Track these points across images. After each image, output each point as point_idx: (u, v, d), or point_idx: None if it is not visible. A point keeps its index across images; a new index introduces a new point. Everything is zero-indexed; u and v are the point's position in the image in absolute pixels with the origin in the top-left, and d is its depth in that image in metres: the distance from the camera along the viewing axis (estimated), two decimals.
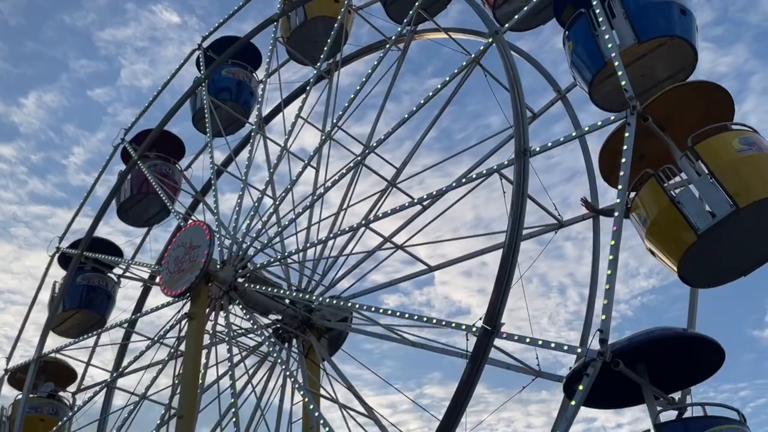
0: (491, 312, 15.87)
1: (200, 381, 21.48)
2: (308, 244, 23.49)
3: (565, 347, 14.93)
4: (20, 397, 30.07)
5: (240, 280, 23.23)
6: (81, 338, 30.34)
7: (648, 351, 14.23)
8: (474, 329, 16.32)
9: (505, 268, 16.09)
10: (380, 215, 20.99)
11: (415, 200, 21.12)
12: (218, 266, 23.02)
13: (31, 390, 29.52)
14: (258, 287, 23.01)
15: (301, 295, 22.83)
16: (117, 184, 31.84)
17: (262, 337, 24.44)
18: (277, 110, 29.83)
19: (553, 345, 15.12)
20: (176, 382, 23.43)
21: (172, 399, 21.84)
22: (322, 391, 22.76)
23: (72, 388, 31.37)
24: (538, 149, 17.28)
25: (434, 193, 19.49)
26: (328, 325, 23.86)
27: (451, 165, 25.15)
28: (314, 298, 22.53)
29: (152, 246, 33.54)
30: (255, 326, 23.44)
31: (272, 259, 23.76)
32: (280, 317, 24.26)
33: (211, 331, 23.04)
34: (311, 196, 24.34)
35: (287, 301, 23.61)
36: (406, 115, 21.65)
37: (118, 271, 32.69)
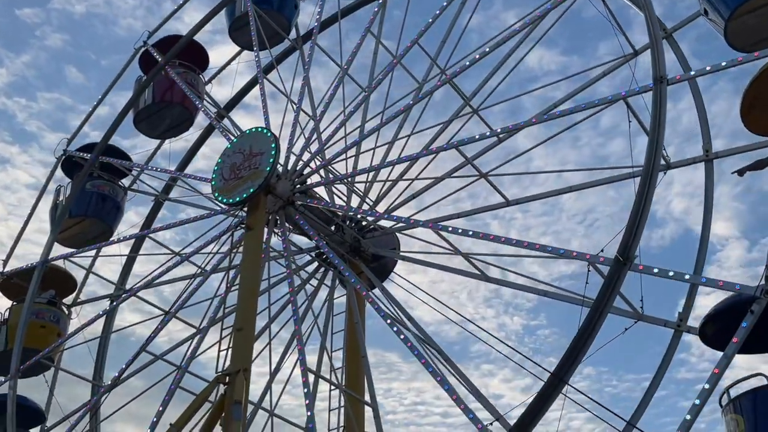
0: (625, 242, 14.68)
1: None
2: (374, 165, 21.79)
3: (720, 282, 13.76)
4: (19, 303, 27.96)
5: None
6: (92, 247, 28.20)
7: None
8: (602, 260, 15.17)
9: (641, 197, 14.89)
10: (465, 139, 19.43)
11: (498, 130, 19.80)
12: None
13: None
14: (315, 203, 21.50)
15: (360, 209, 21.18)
16: (138, 90, 29.43)
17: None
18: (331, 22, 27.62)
19: (704, 281, 14.03)
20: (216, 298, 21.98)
21: (221, 314, 20.18)
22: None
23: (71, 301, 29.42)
24: (678, 78, 16.07)
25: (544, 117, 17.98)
26: (383, 253, 22.47)
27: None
28: (378, 214, 20.85)
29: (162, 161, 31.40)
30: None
31: (332, 178, 22.10)
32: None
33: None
34: (381, 115, 22.63)
35: (344, 222, 22.15)
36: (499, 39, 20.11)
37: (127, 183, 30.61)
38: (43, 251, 27.95)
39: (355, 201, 23.04)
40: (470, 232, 17.42)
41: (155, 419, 19.53)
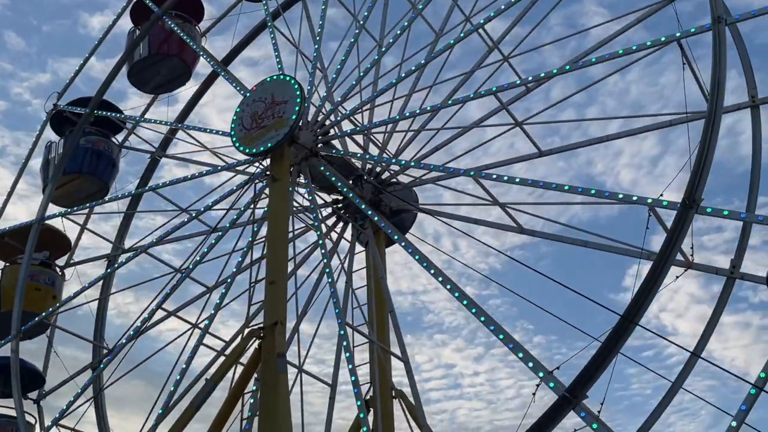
0: (692, 184, 14.24)
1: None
2: (399, 115, 21.01)
3: None
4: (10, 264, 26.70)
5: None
6: (89, 205, 26.96)
7: None
8: (665, 203, 14.73)
9: (706, 139, 14.44)
10: (494, 88, 18.65)
11: (528, 78, 19.11)
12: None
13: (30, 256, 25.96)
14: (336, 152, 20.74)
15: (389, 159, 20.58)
16: (134, 42, 28.01)
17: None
18: None
19: (761, 218, 13.75)
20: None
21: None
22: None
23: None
24: (736, 17, 15.61)
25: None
26: (406, 206, 21.78)
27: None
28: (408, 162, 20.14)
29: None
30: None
31: (356, 128, 21.28)
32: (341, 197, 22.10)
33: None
34: (399, 67, 21.82)
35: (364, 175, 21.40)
36: None
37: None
38: (39, 209, 26.64)
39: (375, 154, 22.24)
40: (517, 179, 16.80)
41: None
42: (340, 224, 22.57)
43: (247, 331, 17.61)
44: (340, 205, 22.23)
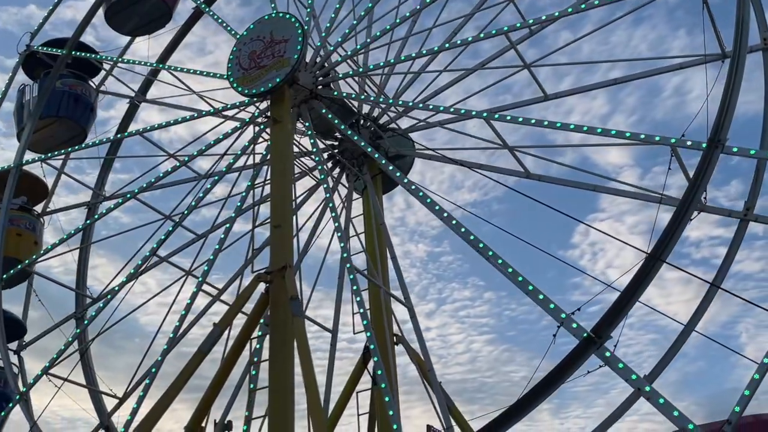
0: (717, 124, 14.07)
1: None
2: (403, 57, 20.41)
3: None
4: None
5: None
6: (69, 150, 25.90)
7: None
8: (689, 143, 14.56)
9: (731, 79, 14.24)
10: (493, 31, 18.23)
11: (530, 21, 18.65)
12: None
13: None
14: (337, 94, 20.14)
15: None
16: None
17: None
18: None
19: None
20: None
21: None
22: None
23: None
24: None
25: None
26: (404, 152, 21.36)
27: None
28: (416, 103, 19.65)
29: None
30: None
31: (354, 69, 20.66)
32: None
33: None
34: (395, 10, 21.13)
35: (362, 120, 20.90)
36: None
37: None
38: (17, 153, 25.52)
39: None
40: (533, 120, 16.42)
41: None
42: (336, 171, 22.10)
43: (253, 275, 17.07)
44: (337, 150, 21.71)
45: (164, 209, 23.03)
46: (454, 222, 16.26)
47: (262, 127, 20.01)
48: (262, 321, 16.89)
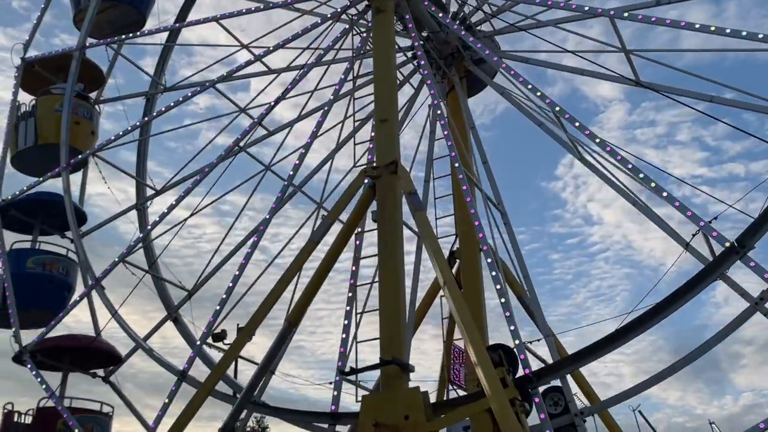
0: None
1: None
2: None
3: None
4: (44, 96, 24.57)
5: None
6: (126, 37, 24.70)
7: None
8: None
9: None
10: None
11: None
12: None
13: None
14: None
15: None
16: None
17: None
18: None
19: None
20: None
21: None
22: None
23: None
24: None
25: None
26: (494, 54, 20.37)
27: None
28: None
29: None
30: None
31: None
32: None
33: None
34: None
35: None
36: None
37: None
38: (81, 36, 24.27)
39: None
40: (668, 21, 15.51)
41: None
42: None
43: (360, 170, 16.36)
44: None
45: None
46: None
47: (354, 19, 19.04)
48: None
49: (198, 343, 19.32)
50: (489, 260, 15.67)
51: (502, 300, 14.95)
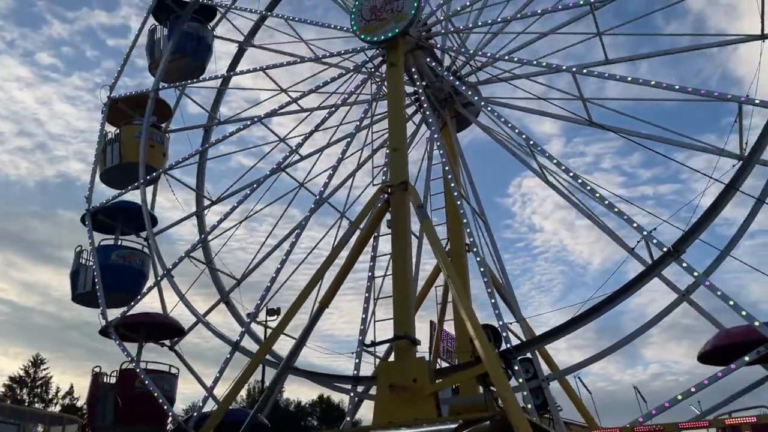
0: None
1: None
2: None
3: None
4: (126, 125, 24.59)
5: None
6: (190, 81, 24.78)
7: None
8: (756, 102, 13.94)
9: None
10: None
11: None
12: None
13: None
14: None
15: None
16: None
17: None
18: None
19: None
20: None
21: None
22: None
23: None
24: None
25: None
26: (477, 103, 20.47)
27: None
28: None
29: None
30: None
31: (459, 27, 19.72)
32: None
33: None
34: None
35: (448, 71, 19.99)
36: None
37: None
38: (156, 80, 24.42)
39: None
40: (617, 76, 15.74)
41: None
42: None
43: (378, 187, 16.47)
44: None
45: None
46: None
47: (372, 71, 19.17)
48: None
49: (247, 320, 19.35)
50: (478, 259, 15.85)
51: (489, 290, 15.09)
